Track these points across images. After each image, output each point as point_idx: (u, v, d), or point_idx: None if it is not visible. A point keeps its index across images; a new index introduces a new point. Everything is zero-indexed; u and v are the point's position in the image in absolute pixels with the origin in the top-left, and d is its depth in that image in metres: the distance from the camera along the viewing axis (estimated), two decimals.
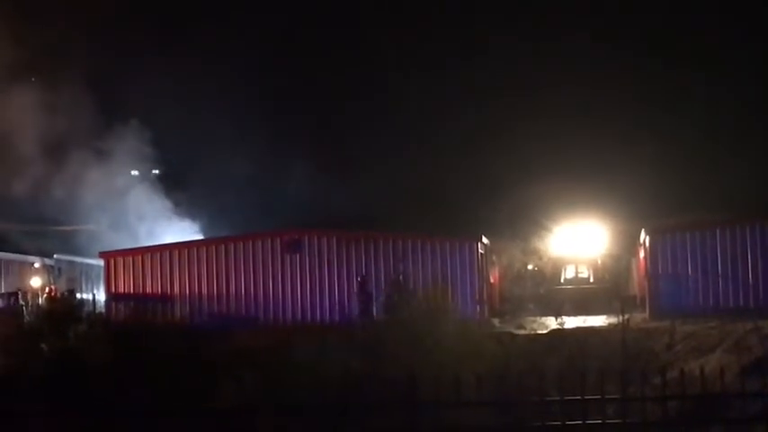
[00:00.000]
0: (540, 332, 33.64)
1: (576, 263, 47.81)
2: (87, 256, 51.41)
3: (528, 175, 61.62)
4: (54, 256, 51.91)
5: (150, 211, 54.61)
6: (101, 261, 42.74)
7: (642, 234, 41.64)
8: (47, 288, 44.22)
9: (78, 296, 37.71)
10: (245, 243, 40.77)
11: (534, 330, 34.17)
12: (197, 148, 62.37)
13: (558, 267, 48.61)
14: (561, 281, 46.99)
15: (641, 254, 42.78)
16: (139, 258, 40.97)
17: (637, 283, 45.60)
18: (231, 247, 40.70)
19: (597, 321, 35.31)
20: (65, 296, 34.44)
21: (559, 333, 32.43)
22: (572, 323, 34.86)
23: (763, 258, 38.61)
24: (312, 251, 40.23)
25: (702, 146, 64.63)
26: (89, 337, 26.11)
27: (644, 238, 41.07)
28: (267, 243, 40.59)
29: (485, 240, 41.73)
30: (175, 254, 40.92)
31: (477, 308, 38.51)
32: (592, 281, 46.65)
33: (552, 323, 34.96)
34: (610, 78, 68.94)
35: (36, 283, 46.58)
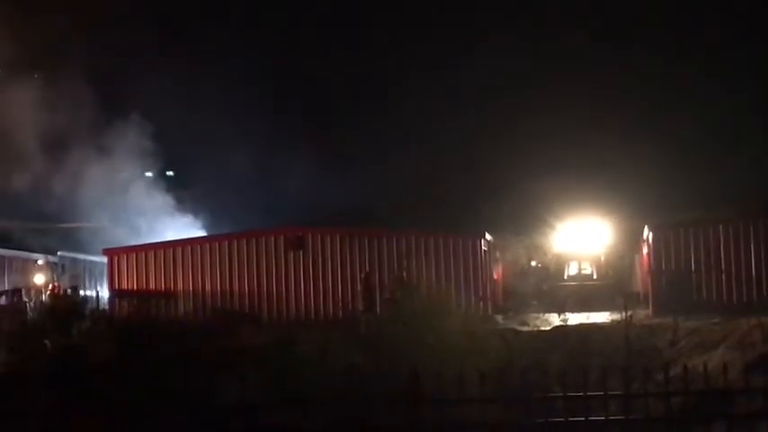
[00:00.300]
0: (544, 329, 33.63)
1: (580, 259, 47.83)
2: (91, 252, 51.44)
3: (531, 172, 61.69)
4: (57, 253, 51.90)
5: (152, 207, 54.67)
6: (104, 258, 42.76)
7: (645, 230, 41.60)
8: (50, 285, 44.26)
9: (82, 293, 37.78)
10: (248, 240, 40.77)
11: (537, 327, 34.17)
12: (199, 145, 62.49)
13: (562, 264, 48.64)
14: (564, 277, 47.02)
15: (644, 250, 42.73)
16: (143, 255, 40.99)
17: (640, 279, 45.55)
18: (235, 244, 40.70)
19: (600, 318, 35.32)
20: (68, 293, 34.50)
21: (563, 330, 32.43)
22: (575, 320, 34.87)
23: (767, 254, 38.61)
24: (315, 248, 40.22)
25: (705, 143, 64.66)
26: (92, 335, 26.08)
27: (647, 234, 41.04)
28: (271, 240, 40.60)
29: (488, 237, 41.71)
30: (179, 251, 40.92)
31: (481, 304, 38.51)
32: (595, 277, 46.68)
33: (555, 320, 34.96)
34: (612, 77, 69.10)
35: (39, 280, 46.61)
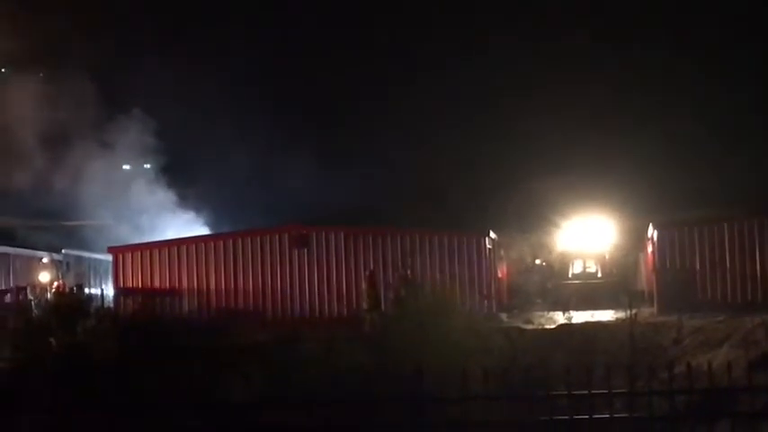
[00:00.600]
0: (548, 327, 33.62)
1: (584, 257, 47.82)
2: (95, 251, 51.49)
3: (536, 171, 61.68)
4: (62, 251, 51.93)
5: (155, 204, 54.72)
6: (109, 256, 42.83)
7: (650, 228, 41.59)
8: (55, 283, 44.24)
9: (86, 291, 37.74)
10: (252, 238, 40.81)
11: (542, 325, 34.15)
12: (201, 143, 62.57)
13: (566, 262, 48.62)
14: (569, 275, 47.01)
15: (649, 248, 42.72)
16: (148, 253, 41.04)
17: (644, 277, 45.54)
18: (239, 242, 40.73)
19: (605, 316, 35.31)
20: (73, 291, 34.46)
21: (567, 328, 32.41)
22: (580, 318, 34.88)
23: None
24: (320, 246, 40.26)
25: (706, 142, 64.66)
26: (97, 333, 26.11)
27: (652, 232, 41.03)
28: (275, 238, 40.64)
29: (492, 235, 41.72)
30: (183, 249, 40.97)
31: (485, 302, 38.53)
32: (600, 275, 46.67)
33: (560, 318, 34.94)
34: (613, 77, 69.17)
35: (44, 278, 46.58)
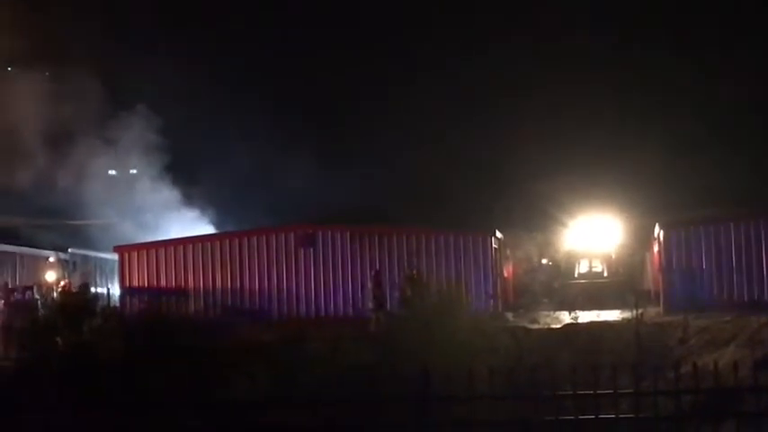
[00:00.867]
0: (554, 326, 33.60)
1: (590, 257, 47.82)
2: (101, 250, 51.55)
3: (542, 170, 61.69)
4: (68, 250, 51.99)
5: (157, 202, 54.77)
6: (115, 255, 42.89)
7: (656, 228, 41.57)
8: (61, 282, 44.30)
9: (93, 290, 37.76)
10: (258, 237, 40.84)
11: (548, 325, 34.14)
12: (205, 142, 62.65)
13: (572, 261, 48.63)
14: (575, 275, 47.00)
15: (655, 248, 42.70)
16: (154, 252, 41.08)
17: (651, 277, 45.52)
18: (245, 241, 40.77)
19: (611, 316, 35.30)
20: (79, 290, 34.47)
21: (573, 327, 32.39)
22: (586, 317, 34.84)
23: None
24: (326, 246, 40.28)
25: (711, 142, 64.64)
26: (103, 332, 26.15)
27: (658, 232, 41.01)
28: (281, 237, 40.67)
29: (498, 234, 41.72)
30: (190, 248, 41.01)
31: (491, 302, 38.50)
32: (606, 275, 46.66)
33: (566, 317, 34.92)
34: (613, 77, 69.19)
35: (51, 277, 46.62)
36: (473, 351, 21.27)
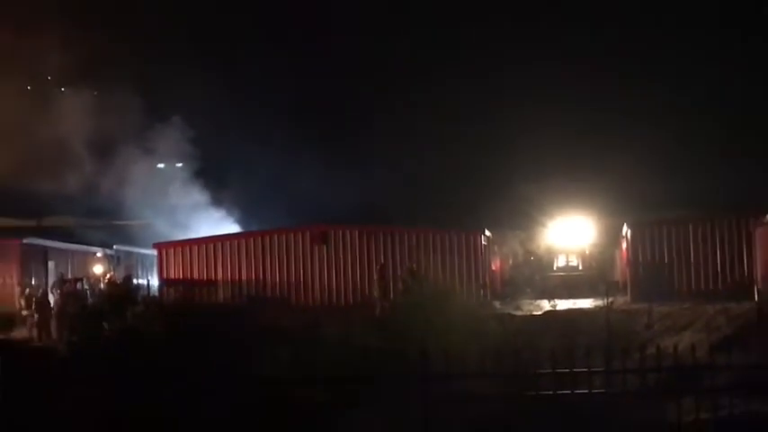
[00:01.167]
0: (536, 313, 33.62)
1: (567, 252, 47.85)
2: (142, 246, 51.64)
3: (526, 176, 61.79)
4: (114, 246, 52.10)
5: (190, 204, 54.86)
6: (154, 251, 42.95)
7: (624, 227, 41.64)
8: (107, 274, 44.40)
9: (135, 281, 37.84)
10: (279, 236, 40.91)
11: (530, 311, 34.14)
12: (232, 151, 62.69)
13: (552, 256, 48.65)
14: (554, 268, 47.03)
15: (623, 245, 42.76)
16: (188, 249, 41.15)
17: (620, 270, 45.57)
18: (267, 239, 40.84)
19: (585, 304, 35.34)
20: (123, 281, 34.55)
21: (552, 314, 32.39)
22: (563, 305, 34.87)
23: (730, 248, 38.65)
24: (338, 243, 40.33)
25: (678, 151, 64.67)
26: (144, 317, 26.16)
27: (626, 231, 41.08)
28: (299, 236, 40.73)
29: (487, 233, 41.76)
30: (219, 245, 41.09)
31: (481, 292, 38.54)
32: (581, 268, 46.70)
33: (546, 305, 34.94)
34: (595, 95, 69.22)
35: (98, 270, 46.74)
36: (466, 334, 21.26)
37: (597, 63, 71.21)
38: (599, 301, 33.69)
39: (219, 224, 52.31)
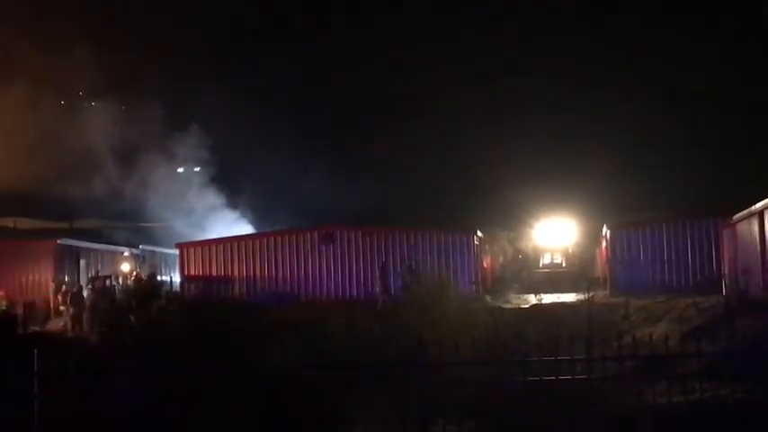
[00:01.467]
0: (523, 306, 33.66)
1: (552, 251, 48.02)
2: (164, 246, 51.71)
3: (514, 181, 61.93)
4: (139, 246, 52.19)
5: (207, 206, 54.94)
6: (176, 250, 43.03)
7: (604, 228, 41.70)
8: (134, 272, 44.47)
9: (159, 278, 37.91)
10: (289, 236, 41.00)
11: (518, 305, 34.20)
12: (247, 157, 62.83)
13: (538, 255, 48.76)
14: (540, 265, 47.16)
15: (603, 244, 42.82)
16: (207, 248, 41.24)
17: (600, 267, 45.64)
18: (278, 239, 40.93)
19: (568, 298, 35.37)
20: (148, 278, 34.58)
21: (538, 307, 32.42)
22: (548, 299, 34.93)
23: (700, 247, 38.72)
24: (343, 242, 40.40)
25: (652, 157, 64.77)
26: (167, 311, 26.18)
27: (605, 231, 41.13)
28: (307, 236, 40.80)
29: (479, 233, 41.83)
30: (235, 245, 41.18)
31: (474, 287, 38.59)
32: (564, 265, 46.88)
33: (532, 299, 35.00)
34: (576, 108, 69.42)
35: (125, 268, 46.83)
36: (459, 326, 21.28)
37: (581, 75, 71.46)
38: (581, 296, 33.65)
39: (234, 225, 52.39)
